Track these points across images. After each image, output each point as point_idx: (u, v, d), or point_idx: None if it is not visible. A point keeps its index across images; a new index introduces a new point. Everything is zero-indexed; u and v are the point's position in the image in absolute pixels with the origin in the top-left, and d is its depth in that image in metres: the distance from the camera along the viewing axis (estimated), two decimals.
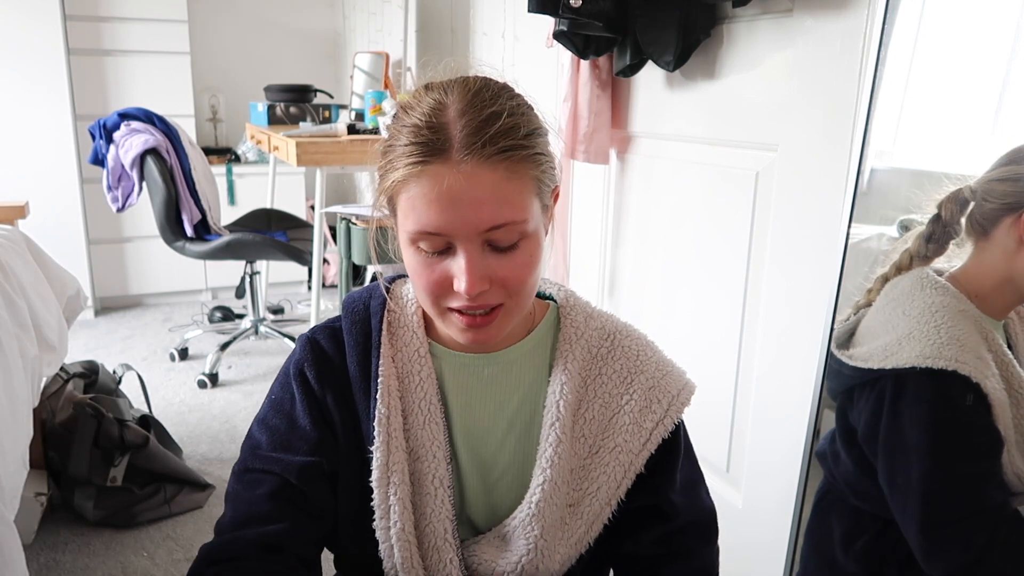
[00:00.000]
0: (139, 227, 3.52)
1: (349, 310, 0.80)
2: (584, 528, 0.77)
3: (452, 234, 0.65)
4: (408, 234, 0.66)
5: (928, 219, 1.04)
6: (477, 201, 0.63)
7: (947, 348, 0.96)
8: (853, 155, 1.13)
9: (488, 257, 0.66)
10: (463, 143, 0.63)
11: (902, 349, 1.00)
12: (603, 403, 0.78)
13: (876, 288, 1.11)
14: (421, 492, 0.75)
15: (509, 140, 0.64)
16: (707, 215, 1.53)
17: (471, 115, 0.64)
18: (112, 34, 3.34)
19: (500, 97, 0.67)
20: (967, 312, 0.99)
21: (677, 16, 1.40)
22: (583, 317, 0.81)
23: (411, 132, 0.65)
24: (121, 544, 1.78)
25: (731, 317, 1.48)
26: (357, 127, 2.57)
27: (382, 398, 0.75)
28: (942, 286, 1.01)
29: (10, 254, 1.60)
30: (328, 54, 4.26)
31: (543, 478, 0.75)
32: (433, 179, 0.63)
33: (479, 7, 2.52)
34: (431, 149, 0.63)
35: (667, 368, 0.81)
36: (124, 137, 2.56)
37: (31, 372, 1.52)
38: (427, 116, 0.65)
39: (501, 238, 0.65)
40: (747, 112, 1.40)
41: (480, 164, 0.63)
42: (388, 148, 0.68)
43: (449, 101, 0.66)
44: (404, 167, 0.65)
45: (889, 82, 1.09)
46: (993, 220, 0.97)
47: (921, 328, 1.00)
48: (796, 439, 1.29)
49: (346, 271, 2.31)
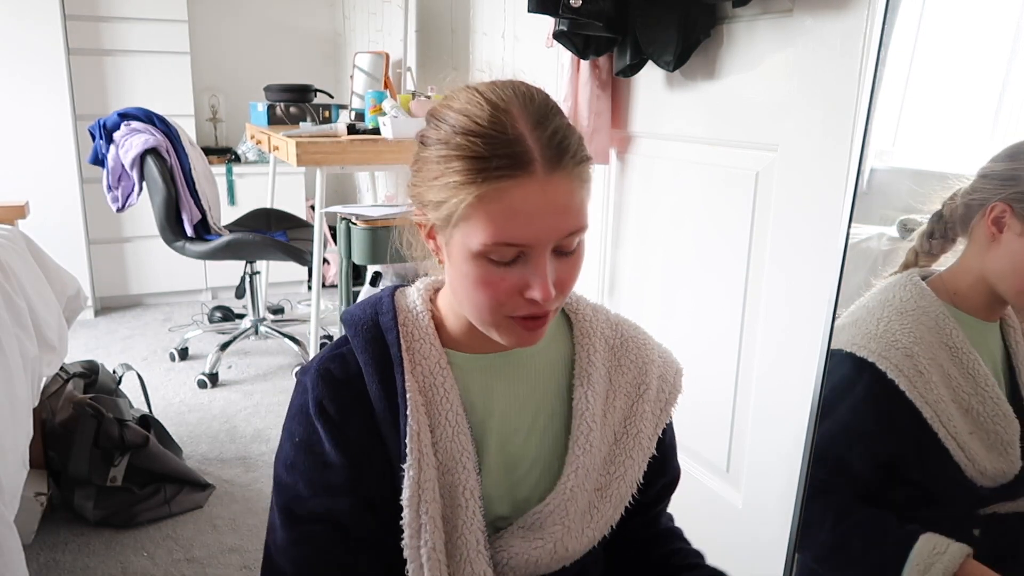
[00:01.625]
0: (139, 227, 3.52)
1: (358, 329, 0.78)
2: (612, 511, 0.81)
3: (532, 244, 0.65)
4: (482, 246, 0.65)
5: (930, 216, 1.04)
6: (559, 212, 0.65)
7: (876, 340, 1.00)
8: (853, 155, 1.13)
9: (553, 263, 0.67)
10: (545, 157, 0.64)
11: (843, 331, 1.06)
12: (626, 392, 0.82)
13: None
14: (452, 505, 0.75)
15: (576, 150, 0.67)
16: (707, 215, 1.53)
17: (542, 128, 0.65)
18: (112, 34, 3.34)
19: (552, 103, 0.69)
20: (929, 311, 1.00)
21: (677, 16, 1.40)
22: (590, 310, 0.84)
23: (485, 142, 0.64)
24: (121, 544, 1.78)
25: (731, 317, 1.48)
26: (357, 127, 2.56)
27: (412, 414, 0.74)
28: (915, 285, 1.03)
29: (10, 254, 1.60)
30: (328, 54, 4.25)
31: (576, 465, 0.78)
32: (517, 192, 0.63)
33: (479, 7, 2.52)
34: (514, 163, 0.63)
35: (665, 353, 0.87)
36: (124, 137, 2.56)
37: (31, 372, 1.52)
38: (497, 126, 0.65)
39: (569, 244, 0.68)
40: (747, 112, 1.40)
41: (561, 176, 0.65)
42: (446, 156, 0.66)
43: (514, 111, 0.66)
44: (485, 181, 0.64)
45: (889, 82, 1.08)
46: (971, 217, 0.98)
47: (865, 317, 1.04)
48: (796, 439, 1.29)
49: (346, 271, 2.31)
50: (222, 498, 1.99)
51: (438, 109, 0.70)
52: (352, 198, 4.32)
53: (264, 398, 2.66)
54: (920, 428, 0.98)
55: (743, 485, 1.49)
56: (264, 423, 2.46)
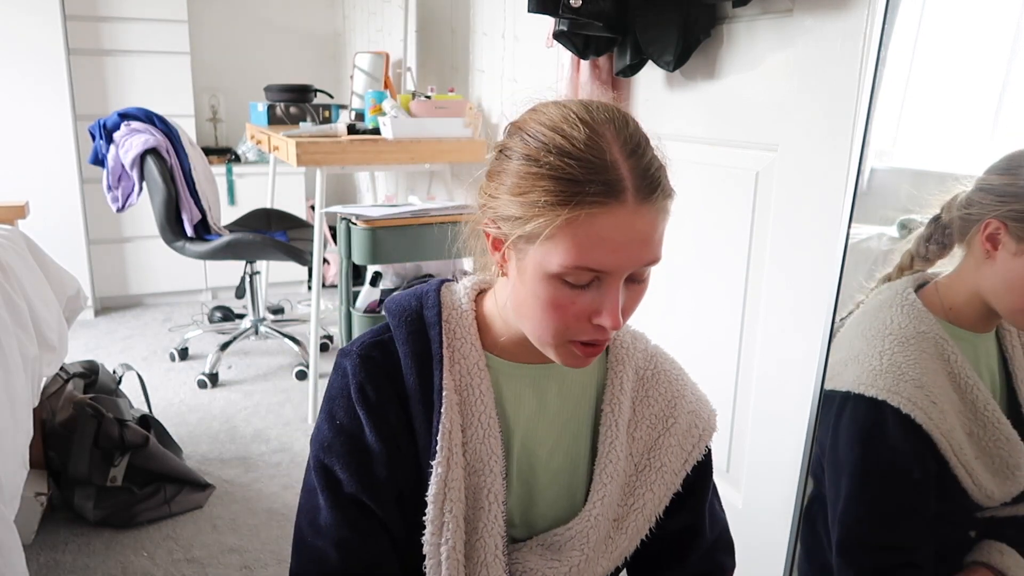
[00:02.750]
0: (139, 227, 3.52)
1: (402, 320, 0.77)
2: (627, 543, 0.80)
3: (612, 272, 0.65)
4: (561, 267, 0.64)
5: (929, 219, 1.04)
6: (643, 243, 0.65)
7: (883, 377, 0.97)
8: (853, 155, 1.13)
9: (624, 290, 0.68)
10: (639, 190, 0.64)
11: (846, 370, 1.03)
12: (650, 424, 0.81)
13: (877, 288, 1.11)
14: (475, 507, 0.75)
15: (667, 184, 0.67)
16: (707, 215, 1.53)
17: (637, 157, 0.65)
18: (112, 34, 3.34)
19: (643, 134, 0.68)
20: (927, 334, 0.98)
21: (677, 16, 1.40)
22: (629, 337, 0.84)
23: (581, 165, 0.63)
24: (121, 544, 1.78)
25: (731, 317, 1.48)
26: (357, 127, 2.56)
27: (446, 412, 0.74)
28: (909, 305, 1.01)
29: (10, 254, 1.60)
30: (328, 54, 4.25)
31: (603, 493, 0.78)
32: (608, 220, 0.63)
33: (479, 7, 2.52)
34: (609, 190, 0.63)
35: (699, 393, 0.86)
36: (124, 137, 2.56)
37: (31, 372, 1.52)
38: (594, 151, 0.64)
39: (642, 273, 0.68)
40: (747, 112, 1.40)
41: (649, 208, 0.65)
42: (535, 173, 0.65)
43: (608, 136, 0.65)
44: (579, 206, 0.62)
45: (889, 82, 1.09)
46: (968, 230, 0.97)
47: (867, 351, 1.01)
48: (796, 439, 1.29)
49: (346, 271, 2.31)
50: (222, 498, 1.99)
51: (525, 122, 0.69)
52: (352, 198, 4.32)
53: (264, 398, 2.66)
54: (936, 459, 0.96)
55: (743, 485, 1.49)
56: (264, 423, 2.46)
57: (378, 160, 2.40)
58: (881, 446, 1.00)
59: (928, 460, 0.96)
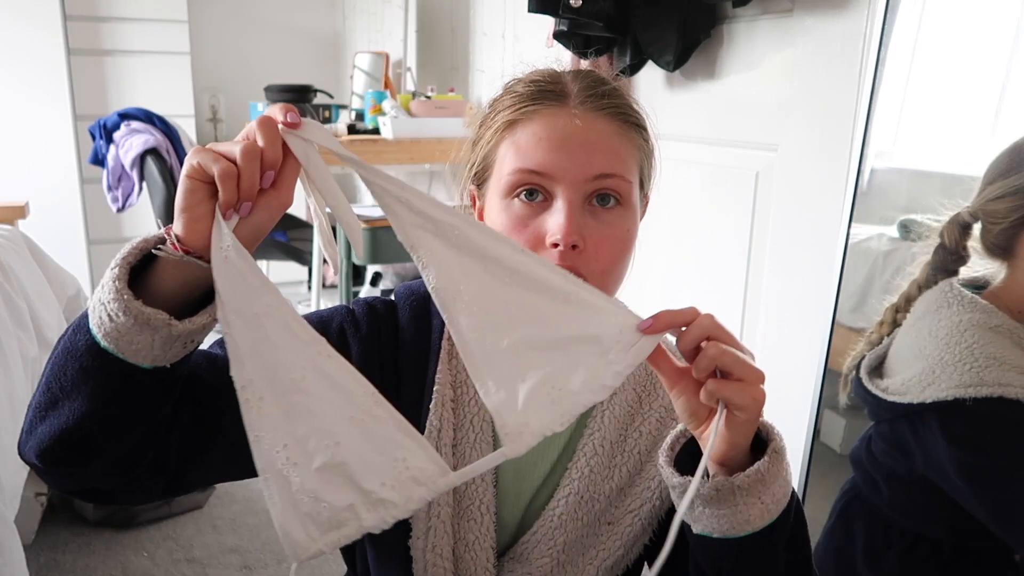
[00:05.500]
0: (139, 227, 3.52)
1: (408, 301, 0.73)
2: (622, 549, 0.72)
3: (557, 176, 0.63)
4: (507, 178, 0.65)
5: (932, 249, 1.01)
6: (589, 145, 0.64)
7: (987, 372, 0.91)
8: (853, 155, 1.13)
9: (586, 217, 0.64)
10: (579, 93, 0.66)
11: (938, 378, 0.95)
12: (659, 417, 0.74)
13: (902, 305, 1.06)
14: (465, 517, 0.70)
15: (621, 100, 0.67)
16: (707, 215, 1.53)
17: (589, 78, 0.67)
18: (112, 34, 3.34)
19: (609, 78, 0.70)
20: (1001, 327, 0.93)
21: (677, 16, 1.40)
22: None
23: (525, 84, 0.67)
24: (121, 544, 1.78)
25: (731, 317, 1.48)
26: (357, 127, 2.57)
27: (435, 409, 0.69)
28: (968, 300, 0.95)
29: (10, 254, 1.60)
30: (328, 54, 4.25)
31: (569, 491, 0.71)
32: (546, 119, 0.64)
33: (479, 7, 2.52)
34: (547, 94, 0.65)
35: None
36: (124, 137, 2.56)
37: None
38: (542, 74, 0.68)
39: (604, 187, 0.64)
40: (747, 112, 1.40)
41: (595, 113, 0.65)
42: (495, 102, 0.69)
43: (567, 74, 0.69)
44: (513, 110, 0.65)
45: (889, 82, 1.09)
46: (1011, 239, 0.93)
47: (953, 351, 0.94)
48: (796, 439, 1.29)
49: (346, 271, 2.31)
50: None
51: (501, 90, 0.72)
52: (352, 198, 4.32)
53: None
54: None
55: None
56: None
57: (378, 160, 2.40)
58: (1015, 440, 0.92)
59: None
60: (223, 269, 0.51)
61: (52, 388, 0.54)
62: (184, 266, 0.53)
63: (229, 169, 0.51)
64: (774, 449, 0.57)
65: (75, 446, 0.54)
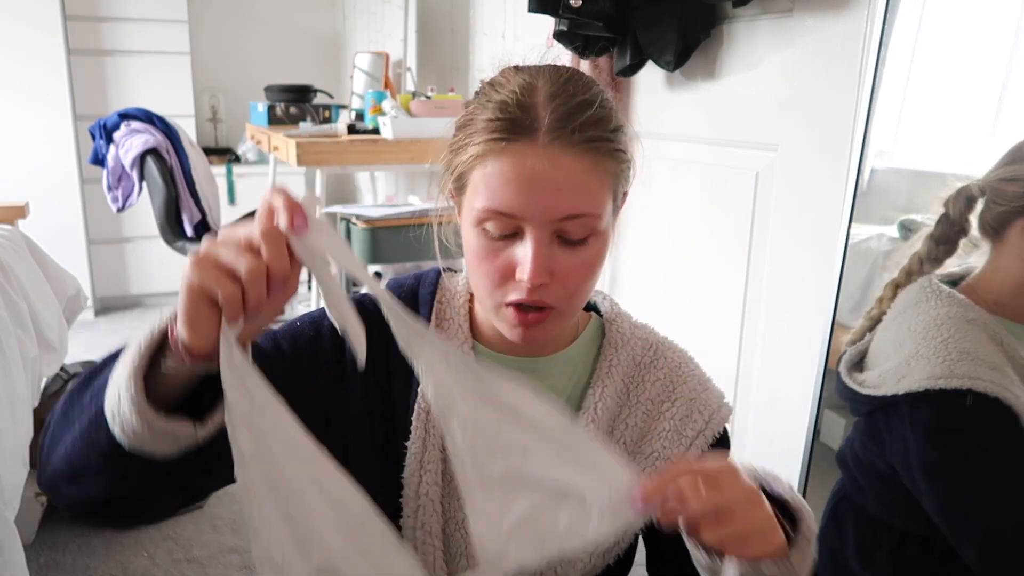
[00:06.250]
0: (139, 227, 3.52)
1: (396, 293, 0.76)
2: (614, 536, 0.73)
3: (525, 217, 0.62)
4: (477, 212, 0.64)
5: (936, 219, 1.02)
6: (557, 187, 0.61)
7: (958, 364, 0.92)
8: (853, 155, 1.13)
9: (555, 249, 0.64)
10: (551, 126, 0.61)
11: (912, 370, 0.96)
12: (645, 410, 0.76)
13: (888, 296, 1.07)
14: (454, 496, 0.72)
15: (597, 131, 0.63)
16: (707, 215, 1.53)
17: (562, 99, 0.63)
18: (112, 34, 3.34)
19: (592, 87, 0.65)
20: (977, 321, 0.94)
21: (677, 16, 1.40)
22: (629, 326, 0.80)
23: (497, 108, 0.63)
24: (121, 544, 1.78)
25: (731, 317, 1.48)
26: (357, 127, 2.56)
27: (422, 392, 0.71)
28: (947, 295, 0.97)
29: (10, 254, 1.60)
30: (328, 54, 4.25)
31: None
32: (515, 157, 0.61)
33: (479, 7, 2.52)
34: (517, 127, 0.62)
35: (707, 383, 0.81)
36: (124, 137, 2.55)
37: (31, 372, 1.52)
38: (516, 95, 0.63)
39: (573, 230, 0.64)
40: (747, 112, 1.40)
41: (565, 150, 0.61)
42: (467, 122, 0.66)
43: (540, 84, 0.64)
44: (484, 142, 0.63)
45: (889, 82, 1.09)
46: (1005, 222, 0.94)
47: (928, 345, 0.96)
48: (796, 439, 1.29)
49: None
50: (222, 498, 1.99)
51: (480, 85, 0.69)
52: (352, 198, 4.31)
53: None
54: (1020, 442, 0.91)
55: None
56: None
57: (378, 160, 2.40)
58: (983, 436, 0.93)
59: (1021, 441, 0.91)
60: (230, 380, 0.52)
61: (74, 465, 0.56)
62: (191, 367, 0.55)
63: (233, 294, 0.50)
64: (804, 536, 0.58)
65: (102, 506, 0.58)
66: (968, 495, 0.94)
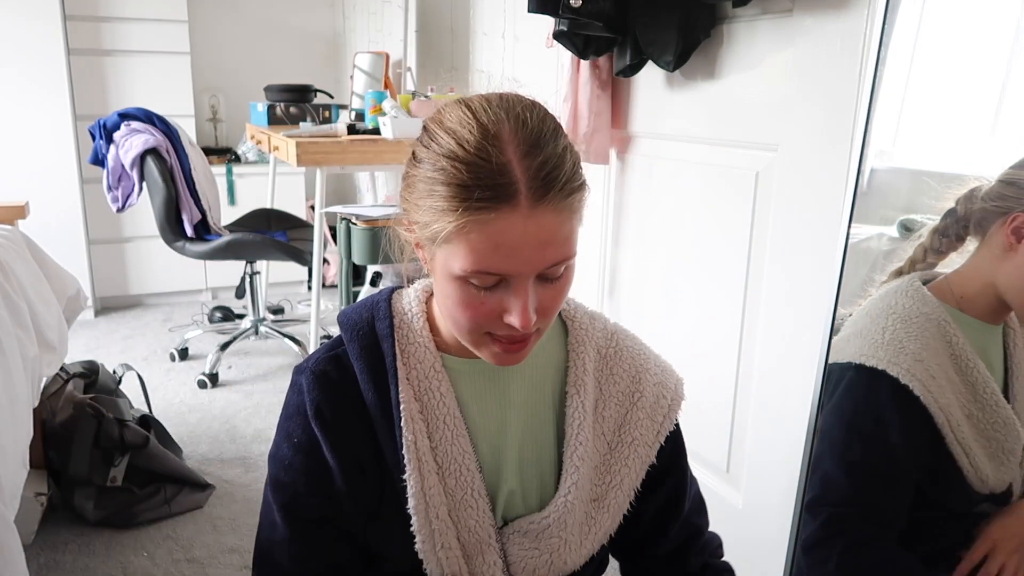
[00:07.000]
0: (139, 227, 3.52)
1: (354, 334, 0.77)
2: (609, 521, 0.80)
3: (511, 273, 0.64)
4: (462, 271, 0.64)
5: (943, 213, 1.04)
6: (543, 245, 0.63)
7: (884, 349, 0.99)
8: (853, 155, 1.13)
9: (537, 289, 0.66)
10: (532, 192, 0.61)
11: (848, 345, 1.05)
12: (618, 401, 0.81)
13: (883, 281, 1.12)
14: (461, 506, 0.75)
15: (571, 183, 0.64)
16: (707, 215, 1.53)
17: (532, 157, 0.62)
18: (112, 34, 3.34)
19: (547, 128, 0.65)
20: (931, 317, 1.00)
21: (677, 16, 1.40)
22: (587, 318, 0.83)
23: (469, 173, 0.61)
24: (121, 544, 1.78)
25: (731, 317, 1.48)
26: (357, 127, 2.56)
27: (407, 424, 0.73)
28: (917, 292, 1.02)
29: (10, 254, 1.60)
30: (328, 54, 4.25)
31: (576, 476, 0.77)
32: (499, 224, 0.61)
33: (479, 7, 2.52)
34: (498, 197, 0.61)
35: (662, 363, 0.86)
36: (124, 137, 2.56)
37: (31, 372, 1.52)
38: (483, 153, 0.62)
39: (554, 272, 0.66)
40: (747, 112, 1.40)
41: (547, 209, 0.62)
42: (431, 178, 0.64)
43: (504, 134, 0.63)
44: (465, 212, 0.61)
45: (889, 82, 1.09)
46: (989, 222, 0.97)
47: (870, 327, 1.03)
48: (796, 439, 1.29)
49: (346, 271, 2.31)
50: (222, 498, 1.99)
51: (429, 124, 0.68)
52: (352, 198, 4.31)
53: (264, 398, 2.66)
54: (933, 434, 0.97)
55: (743, 485, 1.49)
56: (264, 423, 2.46)
57: (378, 160, 2.40)
58: (872, 414, 1.02)
59: (919, 435, 0.98)
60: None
61: None
62: None
63: None
64: None
65: None
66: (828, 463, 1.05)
